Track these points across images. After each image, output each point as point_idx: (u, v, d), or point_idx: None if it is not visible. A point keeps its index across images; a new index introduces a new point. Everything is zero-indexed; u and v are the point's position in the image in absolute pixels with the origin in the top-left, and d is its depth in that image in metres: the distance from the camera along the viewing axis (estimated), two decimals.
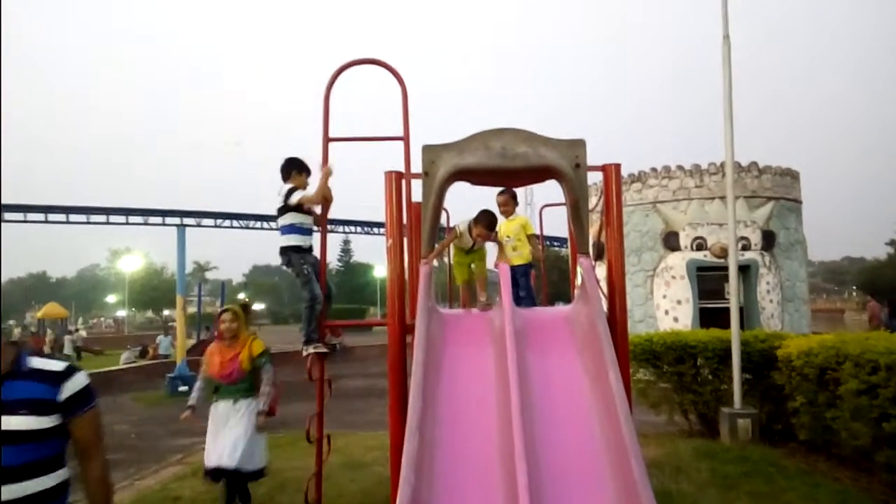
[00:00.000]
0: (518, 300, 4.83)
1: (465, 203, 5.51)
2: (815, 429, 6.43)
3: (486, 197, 5.42)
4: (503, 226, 5.28)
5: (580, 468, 3.10)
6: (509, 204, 5.49)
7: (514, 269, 5.10)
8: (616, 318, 4.09)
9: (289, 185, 4.95)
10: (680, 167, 15.64)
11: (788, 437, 7.36)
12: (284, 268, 5.09)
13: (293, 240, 4.93)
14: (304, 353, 5.10)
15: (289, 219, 4.92)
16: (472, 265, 5.05)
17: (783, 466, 6.41)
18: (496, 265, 4.73)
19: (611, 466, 3.04)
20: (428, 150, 4.16)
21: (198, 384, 5.42)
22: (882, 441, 5.19)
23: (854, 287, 72.21)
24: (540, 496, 2.85)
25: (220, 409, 5.11)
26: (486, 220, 4.77)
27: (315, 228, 5.08)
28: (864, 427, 5.34)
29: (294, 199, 4.85)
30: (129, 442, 9.63)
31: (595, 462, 3.11)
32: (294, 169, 5.00)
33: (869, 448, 5.43)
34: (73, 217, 50.03)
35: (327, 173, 4.81)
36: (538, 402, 3.41)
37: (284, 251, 4.96)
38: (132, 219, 52.31)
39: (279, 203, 4.95)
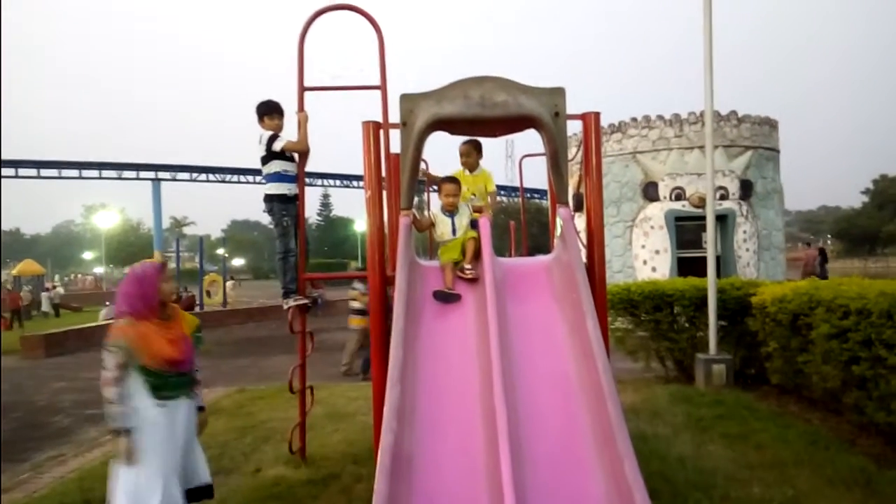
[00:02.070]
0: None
1: (445, 154, 5.37)
2: (788, 373, 6.61)
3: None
4: (467, 181, 4.62)
5: (558, 412, 3.16)
6: (472, 155, 4.75)
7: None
8: (594, 267, 4.13)
9: (269, 133, 4.83)
10: (660, 117, 15.59)
11: (762, 381, 7.56)
12: (266, 214, 5.01)
13: (279, 188, 4.85)
14: (285, 307, 5.10)
15: (274, 166, 4.82)
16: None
17: (756, 409, 6.60)
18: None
19: (588, 410, 3.11)
20: (406, 99, 4.10)
21: (116, 390, 3.20)
22: (851, 383, 5.34)
23: (829, 236, 73.45)
24: (519, 439, 2.91)
25: (173, 412, 3.41)
26: (449, 181, 4.32)
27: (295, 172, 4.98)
28: (835, 370, 5.49)
29: (278, 145, 4.74)
30: None
31: (572, 406, 3.18)
32: (267, 113, 4.87)
33: (838, 390, 5.60)
34: (44, 172, 48.99)
35: (305, 118, 4.72)
36: (517, 349, 3.46)
37: (269, 199, 4.89)
38: (105, 173, 51.35)
39: (262, 151, 4.84)
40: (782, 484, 4.54)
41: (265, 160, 4.84)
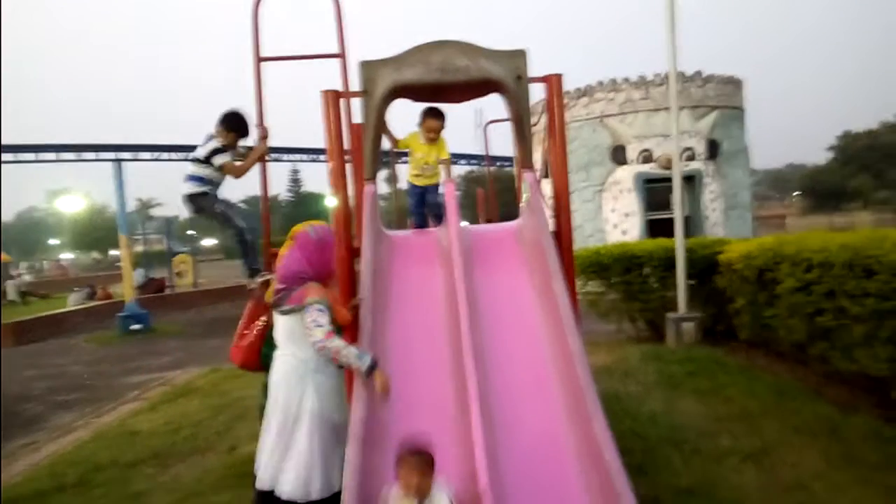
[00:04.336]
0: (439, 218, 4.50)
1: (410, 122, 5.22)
2: (755, 327, 6.74)
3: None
4: (422, 148, 4.43)
5: (528, 378, 3.18)
6: (441, 130, 4.42)
7: (428, 188, 4.52)
8: (562, 230, 4.12)
9: (214, 143, 4.49)
10: (626, 80, 15.59)
11: (731, 337, 7.71)
12: (195, 215, 4.68)
13: (197, 187, 4.52)
14: (250, 287, 4.99)
15: (199, 170, 4.47)
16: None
17: (725, 364, 6.75)
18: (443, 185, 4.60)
19: (557, 373, 3.13)
20: (366, 66, 4.01)
21: (339, 338, 3.11)
22: (816, 335, 5.46)
23: (795, 193, 74.71)
24: (490, 406, 2.93)
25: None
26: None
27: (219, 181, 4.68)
28: (800, 323, 5.60)
29: (218, 161, 4.42)
30: (85, 382, 9.51)
31: (542, 370, 3.20)
32: (228, 128, 4.44)
33: (804, 342, 5.72)
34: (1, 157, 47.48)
35: (262, 151, 4.48)
36: (486, 316, 3.46)
37: (191, 198, 4.56)
38: (63, 155, 49.89)
39: (198, 153, 4.52)
40: (751, 435, 4.66)
41: (195, 161, 4.52)
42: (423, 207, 4.50)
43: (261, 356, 3.57)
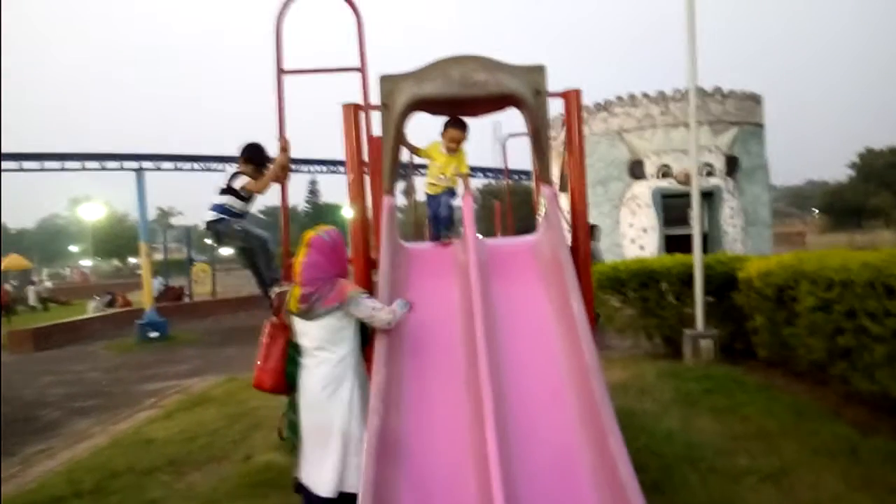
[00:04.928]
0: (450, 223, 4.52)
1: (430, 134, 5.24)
2: (774, 346, 6.66)
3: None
4: (441, 158, 4.41)
5: (544, 391, 3.17)
6: (462, 141, 4.41)
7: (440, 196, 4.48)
8: (579, 245, 4.12)
9: (235, 171, 4.68)
10: (645, 95, 15.60)
11: (749, 355, 7.61)
12: (218, 243, 4.81)
13: (215, 215, 4.64)
14: (272, 295, 5.04)
15: (219, 199, 4.64)
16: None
17: (743, 382, 6.66)
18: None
19: (573, 387, 3.12)
20: (386, 80, 4.06)
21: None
22: (836, 354, 5.39)
23: (815, 210, 73.90)
24: (505, 420, 2.92)
25: None
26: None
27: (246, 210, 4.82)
28: (820, 342, 5.53)
29: (237, 184, 4.58)
30: (102, 389, 9.61)
31: (558, 384, 3.18)
32: (246, 160, 4.68)
33: (824, 362, 5.65)
34: (26, 164, 48.36)
35: (282, 163, 4.55)
36: (502, 329, 3.45)
37: (209, 225, 4.69)
38: (88, 164, 50.71)
39: (223, 183, 4.70)
40: (769, 455, 4.59)
41: (221, 192, 4.68)
42: (438, 216, 4.51)
43: (286, 376, 3.53)
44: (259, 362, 3.56)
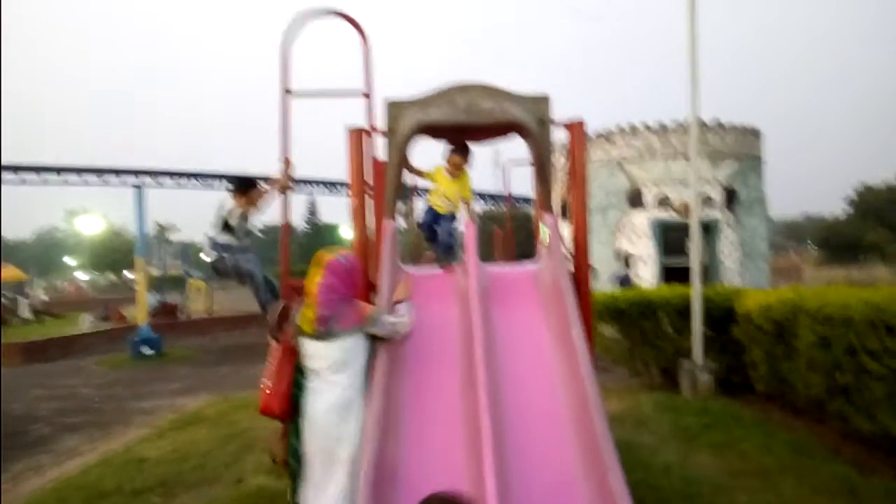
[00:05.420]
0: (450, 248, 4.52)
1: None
2: (772, 380, 6.63)
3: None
4: (444, 182, 4.43)
5: (544, 423, 3.14)
6: (462, 165, 4.42)
7: (443, 217, 4.50)
8: (580, 275, 4.10)
9: (230, 207, 4.63)
10: (646, 126, 15.72)
11: (746, 389, 7.57)
12: (220, 277, 4.70)
13: (214, 254, 4.61)
14: (270, 314, 5.00)
15: (216, 237, 4.63)
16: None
17: (741, 417, 6.61)
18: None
19: (574, 420, 3.09)
20: (392, 106, 4.08)
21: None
22: (835, 391, 5.37)
23: (810, 243, 74.09)
24: (503, 448, 2.88)
25: None
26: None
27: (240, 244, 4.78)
28: (819, 378, 5.51)
29: (232, 220, 4.53)
30: (94, 405, 9.51)
31: (558, 417, 3.15)
32: (235, 194, 4.52)
33: (823, 398, 5.62)
34: (25, 176, 48.46)
35: (282, 183, 4.54)
36: (503, 358, 3.43)
37: (211, 265, 4.68)
38: (88, 178, 50.86)
39: (218, 220, 4.66)
40: (767, 492, 4.54)
41: (218, 227, 4.64)
42: (434, 230, 4.48)
43: (291, 400, 3.48)
44: (267, 386, 3.51)
